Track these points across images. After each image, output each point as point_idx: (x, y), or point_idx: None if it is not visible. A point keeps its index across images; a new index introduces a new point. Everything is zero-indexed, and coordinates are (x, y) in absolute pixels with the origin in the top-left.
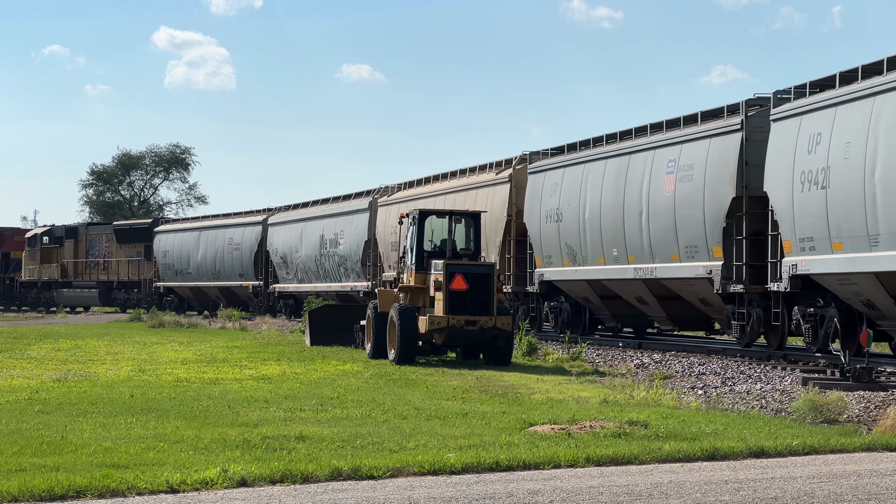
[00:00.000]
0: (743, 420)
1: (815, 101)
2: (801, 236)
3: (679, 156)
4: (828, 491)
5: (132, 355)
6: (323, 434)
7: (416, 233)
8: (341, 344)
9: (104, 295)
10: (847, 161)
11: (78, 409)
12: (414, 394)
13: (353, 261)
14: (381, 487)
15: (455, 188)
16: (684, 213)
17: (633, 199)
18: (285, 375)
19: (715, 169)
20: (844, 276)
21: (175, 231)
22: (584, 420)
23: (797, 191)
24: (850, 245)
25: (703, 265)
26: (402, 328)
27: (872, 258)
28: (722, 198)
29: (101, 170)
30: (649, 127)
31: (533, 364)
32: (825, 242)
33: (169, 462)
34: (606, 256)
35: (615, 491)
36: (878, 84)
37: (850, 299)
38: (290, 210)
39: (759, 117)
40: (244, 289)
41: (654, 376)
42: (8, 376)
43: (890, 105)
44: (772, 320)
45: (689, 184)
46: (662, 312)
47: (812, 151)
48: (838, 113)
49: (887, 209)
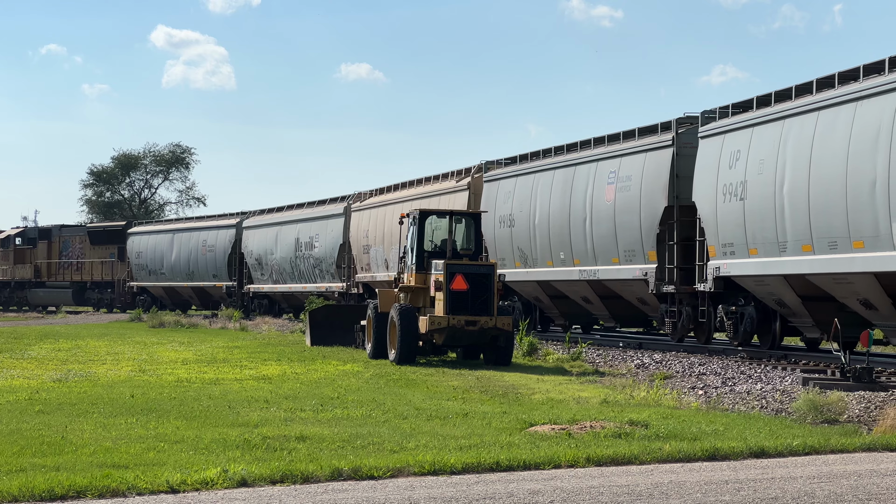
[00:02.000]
0: (743, 420)
1: (736, 121)
2: (723, 242)
3: (619, 168)
4: (828, 491)
5: (132, 355)
6: (323, 434)
7: (417, 233)
8: (341, 344)
9: (77, 295)
10: (761, 176)
11: (78, 409)
12: (414, 394)
13: (329, 263)
14: (382, 487)
15: (420, 195)
16: (623, 220)
17: (578, 207)
18: (286, 375)
19: (650, 180)
20: (759, 278)
21: (149, 233)
22: (585, 420)
23: (720, 201)
24: (764, 250)
25: (639, 268)
26: (402, 328)
27: (781, 262)
28: (656, 206)
29: (100, 170)
30: (593, 140)
31: (533, 364)
32: (743, 248)
33: (169, 462)
34: (554, 259)
35: (615, 491)
36: (787, 109)
37: (765, 298)
38: (265, 214)
39: (688, 134)
40: (218, 289)
41: (654, 376)
42: (8, 376)
43: (797, 128)
44: (700, 317)
45: (628, 193)
46: (605, 311)
47: (732, 167)
48: (755, 133)
49: (793, 219)
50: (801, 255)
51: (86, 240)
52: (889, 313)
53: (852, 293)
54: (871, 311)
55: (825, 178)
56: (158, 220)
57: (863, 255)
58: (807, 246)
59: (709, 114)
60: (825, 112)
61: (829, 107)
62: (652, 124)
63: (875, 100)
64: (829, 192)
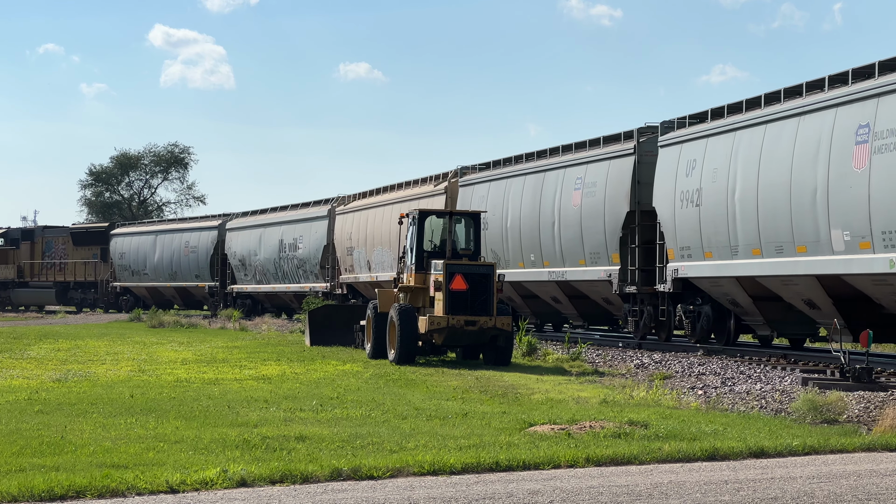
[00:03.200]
0: (743, 420)
1: (692, 132)
2: (681, 246)
3: (585, 174)
4: (827, 491)
5: (132, 355)
6: (323, 434)
7: (416, 233)
8: (341, 344)
9: (60, 294)
10: (714, 184)
11: (78, 409)
12: (414, 394)
13: (313, 263)
14: (381, 487)
15: (400, 198)
16: (589, 224)
17: (547, 211)
18: (285, 375)
19: (613, 186)
20: (714, 280)
21: (132, 234)
22: (584, 420)
23: (678, 207)
24: (718, 254)
25: (604, 269)
26: (401, 328)
27: (733, 265)
28: (619, 211)
29: (99, 170)
30: (561, 148)
31: (533, 364)
32: (699, 251)
33: (169, 462)
34: (525, 261)
35: (615, 491)
36: (738, 121)
37: (720, 298)
38: (248, 216)
39: (649, 143)
40: (200, 289)
41: (653, 376)
42: (8, 376)
43: (747, 139)
44: (660, 316)
45: (593, 199)
46: (574, 310)
47: (689, 175)
48: (709, 143)
49: (744, 225)
50: (752, 259)
51: (68, 241)
52: (830, 313)
53: (797, 294)
54: (815, 311)
55: (772, 187)
56: (141, 222)
57: (805, 259)
58: (756, 250)
59: (667, 124)
60: (772, 125)
61: (775, 120)
62: (616, 133)
63: (816, 115)
64: (775, 200)
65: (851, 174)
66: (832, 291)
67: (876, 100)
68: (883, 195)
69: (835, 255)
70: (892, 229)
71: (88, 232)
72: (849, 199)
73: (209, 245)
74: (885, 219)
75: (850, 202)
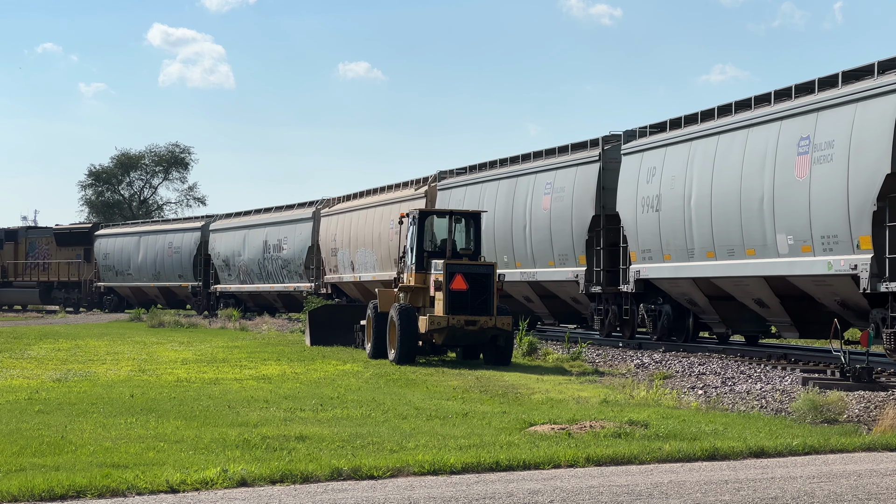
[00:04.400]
0: (743, 420)
1: (653, 140)
2: (642, 248)
3: (554, 179)
4: (828, 491)
5: (132, 355)
6: (323, 434)
7: (416, 233)
8: (341, 344)
9: (44, 294)
10: (673, 191)
11: (78, 409)
12: (414, 394)
13: (297, 264)
14: (381, 487)
15: (383, 201)
16: (558, 227)
17: (520, 215)
18: (285, 375)
19: (580, 191)
20: (673, 281)
21: (116, 235)
22: (585, 420)
23: (639, 212)
24: (676, 256)
25: (571, 270)
26: (402, 328)
27: (690, 266)
28: (585, 215)
29: (99, 170)
30: (532, 154)
31: (533, 364)
32: (659, 254)
33: (169, 462)
34: (499, 262)
35: (615, 491)
36: (693, 132)
37: (679, 298)
38: (231, 217)
39: (613, 150)
40: (183, 289)
41: (654, 376)
42: (8, 376)
43: (701, 149)
44: (624, 315)
45: (562, 203)
46: (545, 309)
47: (649, 181)
48: (668, 152)
49: (699, 229)
50: (706, 261)
51: (52, 241)
52: (778, 311)
53: (748, 294)
54: (765, 309)
55: (724, 194)
56: (125, 223)
57: (754, 261)
58: (710, 252)
59: (630, 133)
60: (724, 136)
61: (727, 131)
62: (583, 141)
63: (763, 127)
64: (727, 206)
65: (794, 183)
66: (779, 291)
67: (816, 114)
68: (821, 202)
69: (780, 257)
70: (830, 234)
71: (72, 233)
72: (792, 205)
73: (192, 246)
74: (824, 224)
75: (793, 209)
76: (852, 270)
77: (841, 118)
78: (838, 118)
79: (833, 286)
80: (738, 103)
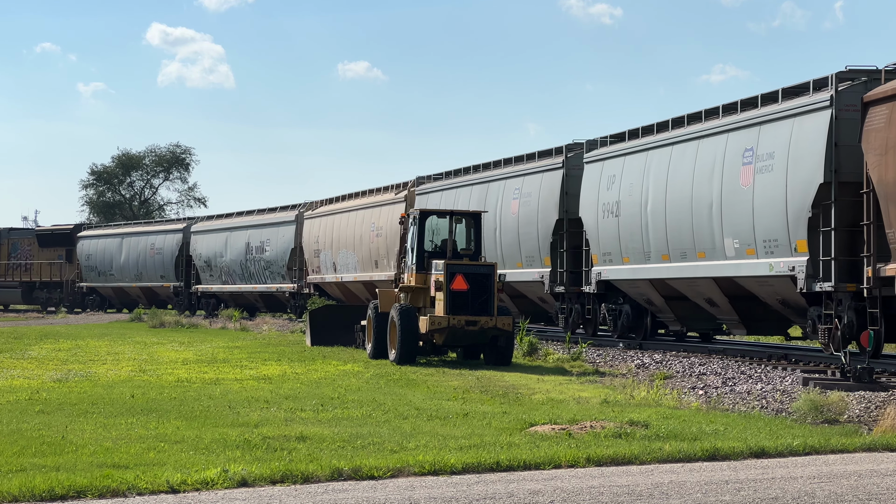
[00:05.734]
0: (743, 420)
1: (612, 150)
2: (603, 251)
3: (522, 185)
4: (828, 491)
5: (133, 355)
6: (323, 434)
7: (417, 233)
8: (342, 344)
9: (26, 294)
10: (631, 197)
11: (78, 409)
12: (414, 394)
13: (280, 265)
14: (382, 487)
15: (364, 205)
16: (525, 230)
17: (490, 218)
18: (286, 376)
19: (545, 197)
20: (631, 282)
21: (98, 237)
22: (585, 420)
23: (600, 217)
24: (634, 259)
25: (537, 271)
26: (402, 328)
27: (647, 268)
28: (550, 219)
29: (101, 170)
30: (503, 161)
31: (533, 364)
32: (618, 256)
33: (169, 462)
34: None
35: (616, 491)
36: (650, 142)
37: (637, 298)
38: (212, 220)
39: (576, 157)
40: (165, 289)
41: (654, 376)
42: (8, 376)
43: (657, 158)
44: (586, 314)
45: (528, 207)
46: (515, 308)
47: (609, 189)
48: (626, 161)
49: (655, 234)
50: (662, 263)
51: (34, 242)
52: (727, 309)
53: (699, 294)
54: (715, 308)
55: (677, 201)
56: (108, 225)
57: (705, 264)
58: (665, 255)
59: (592, 142)
60: (677, 146)
61: (680, 142)
62: (548, 148)
63: (712, 139)
64: (680, 212)
65: (739, 190)
66: (727, 291)
67: (759, 127)
68: (764, 209)
69: (727, 260)
70: (771, 238)
71: (54, 234)
72: (737, 212)
73: (174, 247)
74: (766, 229)
75: (739, 215)
76: (790, 272)
77: (780, 131)
78: (778, 131)
79: (774, 286)
80: (691, 116)
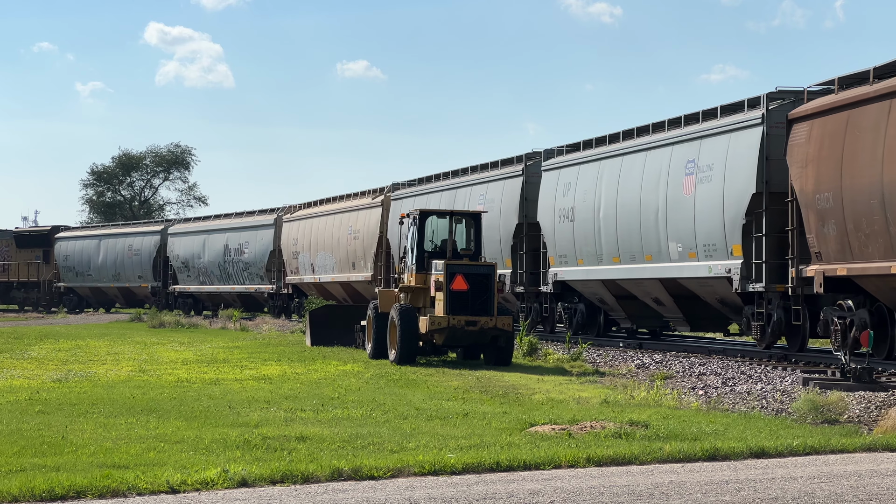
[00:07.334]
0: (743, 420)
1: (568, 159)
2: (559, 254)
3: (486, 191)
4: (828, 491)
5: (133, 356)
6: (323, 434)
7: (417, 233)
8: (342, 344)
9: (3, 294)
10: (585, 203)
11: (78, 409)
12: (414, 394)
13: (258, 267)
14: (382, 488)
15: (342, 209)
16: (488, 234)
17: None
18: (286, 376)
19: (507, 202)
20: (585, 282)
21: (76, 238)
22: (585, 420)
23: (556, 222)
24: (588, 261)
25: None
26: (402, 328)
27: (599, 270)
28: (511, 223)
29: (101, 170)
30: (469, 168)
31: (533, 364)
32: (573, 258)
33: (169, 462)
34: None
35: (616, 491)
36: (602, 152)
37: (591, 297)
38: (191, 222)
39: (535, 165)
40: (143, 289)
41: (654, 376)
42: (8, 376)
43: (608, 168)
44: (544, 312)
45: (492, 213)
46: None
47: (565, 195)
48: (581, 170)
49: (607, 237)
50: (613, 265)
51: (12, 243)
52: (672, 308)
53: (647, 293)
54: (661, 307)
55: (627, 207)
56: (86, 226)
57: (651, 266)
58: (616, 258)
59: (549, 151)
60: (627, 157)
61: (630, 153)
62: (510, 157)
63: (658, 150)
64: (629, 218)
65: (682, 199)
66: (672, 291)
67: (700, 141)
68: (703, 216)
69: (672, 262)
70: (710, 243)
71: (31, 235)
72: (680, 218)
73: (152, 248)
74: (705, 234)
75: (682, 221)
76: (727, 274)
77: (719, 145)
78: (717, 145)
79: (713, 287)
80: (640, 129)
